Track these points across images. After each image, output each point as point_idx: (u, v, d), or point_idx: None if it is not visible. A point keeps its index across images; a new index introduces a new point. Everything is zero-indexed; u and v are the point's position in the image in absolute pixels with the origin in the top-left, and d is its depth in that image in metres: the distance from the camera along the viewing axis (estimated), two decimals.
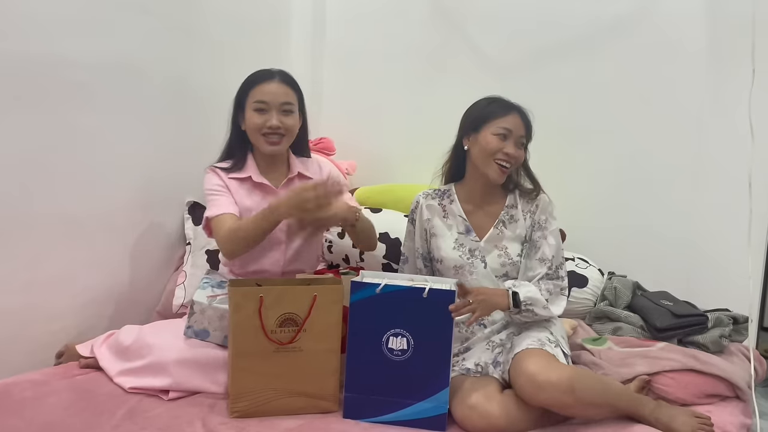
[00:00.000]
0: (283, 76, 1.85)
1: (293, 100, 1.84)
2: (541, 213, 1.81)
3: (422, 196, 1.90)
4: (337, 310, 1.59)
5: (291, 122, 1.83)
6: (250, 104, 1.81)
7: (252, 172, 1.86)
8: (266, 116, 1.80)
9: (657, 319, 1.97)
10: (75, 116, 1.85)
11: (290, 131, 1.84)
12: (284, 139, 1.84)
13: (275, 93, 1.80)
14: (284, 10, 2.78)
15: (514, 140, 1.76)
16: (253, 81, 1.83)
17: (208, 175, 1.85)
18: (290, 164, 1.93)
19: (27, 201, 1.75)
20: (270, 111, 1.80)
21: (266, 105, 1.80)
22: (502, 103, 1.80)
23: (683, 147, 2.34)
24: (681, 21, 2.32)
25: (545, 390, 1.49)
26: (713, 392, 1.72)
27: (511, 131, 1.76)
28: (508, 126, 1.76)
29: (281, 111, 1.81)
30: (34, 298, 1.80)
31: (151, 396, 1.61)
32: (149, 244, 2.11)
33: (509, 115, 1.77)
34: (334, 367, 1.60)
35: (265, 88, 1.80)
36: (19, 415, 1.46)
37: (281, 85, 1.82)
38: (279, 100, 1.80)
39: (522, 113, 1.80)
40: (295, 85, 1.86)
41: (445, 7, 2.67)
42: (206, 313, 1.69)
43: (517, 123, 1.77)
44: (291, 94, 1.83)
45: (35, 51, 1.71)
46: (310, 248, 1.95)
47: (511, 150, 1.75)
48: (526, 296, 1.68)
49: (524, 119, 1.79)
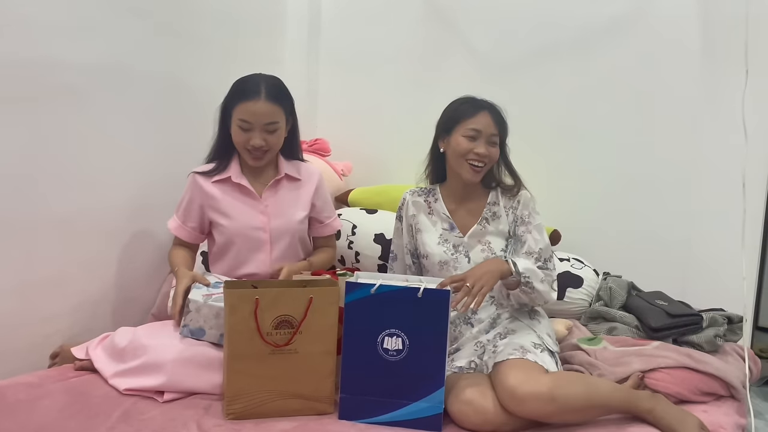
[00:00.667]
0: (270, 90, 1.82)
1: (279, 118, 1.84)
2: (523, 208, 1.83)
3: (409, 194, 1.94)
4: (333, 311, 1.59)
5: (275, 140, 1.85)
6: (235, 119, 1.82)
7: (233, 173, 1.90)
8: (249, 135, 1.82)
9: (652, 318, 1.98)
10: (67, 118, 1.84)
11: (274, 147, 1.87)
12: (267, 154, 1.87)
13: (260, 114, 1.80)
14: (279, 11, 2.78)
15: (485, 139, 1.78)
16: (240, 95, 1.82)
17: (187, 183, 1.92)
18: (278, 166, 1.95)
19: (20, 203, 1.74)
20: (253, 130, 1.81)
21: (250, 125, 1.81)
22: (471, 103, 1.82)
23: (678, 147, 2.35)
24: (675, 22, 2.33)
25: (526, 402, 1.49)
26: (708, 390, 1.73)
27: (480, 131, 1.78)
28: (476, 126, 1.78)
29: (265, 130, 1.82)
30: (27, 300, 1.79)
31: (146, 398, 1.60)
32: (144, 245, 2.11)
33: (478, 114, 1.79)
34: (329, 369, 1.60)
35: (250, 107, 1.79)
36: (12, 417, 1.46)
37: (267, 104, 1.80)
38: (263, 121, 1.81)
39: (493, 111, 1.81)
40: (282, 99, 1.85)
41: (440, 7, 2.68)
42: (202, 311, 1.69)
43: (486, 122, 1.79)
44: (277, 112, 1.83)
45: (27, 54, 1.71)
46: (296, 249, 1.97)
47: (481, 150, 1.78)
48: (524, 267, 1.68)
49: (495, 117, 1.80)
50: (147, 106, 2.11)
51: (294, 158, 2.00)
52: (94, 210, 1.96)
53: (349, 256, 2.38)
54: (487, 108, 1.81)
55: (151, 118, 2.13)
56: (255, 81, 1.83)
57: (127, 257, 2.09)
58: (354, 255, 2.37)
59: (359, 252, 2.36)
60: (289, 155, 1.98)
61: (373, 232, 2.36)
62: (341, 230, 2.38)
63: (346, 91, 2.84)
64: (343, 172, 2.70)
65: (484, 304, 1.82)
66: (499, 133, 1.81)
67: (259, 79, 1.84)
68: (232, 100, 1.83)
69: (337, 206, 2.63)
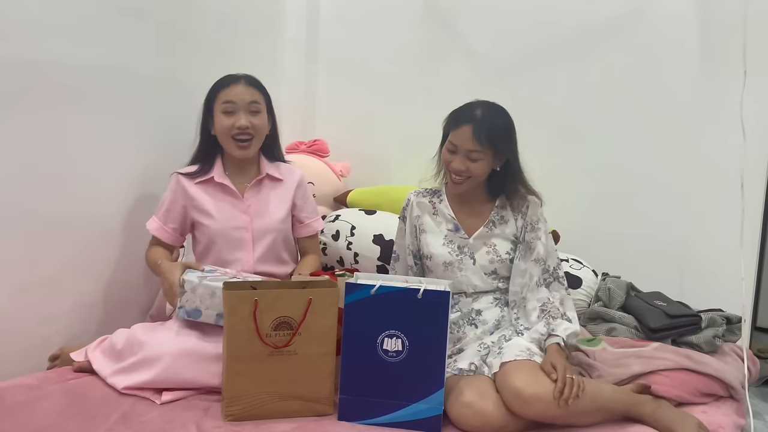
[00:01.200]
0: (249, 79, 1.92)
1: (260, 100, 1.91)
2: (532, 214, 1.83)
3: (414, 194, 1.93)
4: (333, 313, 1.59)
5: (259, 122, 1.90)
6: (218, 107, 1.88)
7: (216, 173, 1.93)
8: (234, 117, 1.87)
9: (651, 319, 1.98)
10: (64, 119, 1.83)
11: (259, 132, 1.91)
12: (253, 141, 1.91)
13: (242, 93, 1.88)
14: (278, 12, 2.78)
15: (463, 154, 1.74)
16: (220, 85, 1.91)
17: (170, 184, 1.94)
18: (260, 166, 1.99)
19: (17, 204, 1.74)
20: (238, 112, 1.87)
21: (234, 106, 1.86)
22: (458, 115, 1.78)
23: (676, 148, 2.35)
24: (673, 23, 2.33)
25: (532, 404, 1.50)
26: (707, 391, 1.73)
27: (456, 146, 1.75)
28: (454, 141, 1.75)
29: (249, 111, 1.88)
30: (25, 301, 1.78)
31: (145, 399, 1.59)
32: (142, 247, 2.10)
33: (459, 128, 1.74)
34: (329, 370, 1.59)
35: (232, 90, 1.88)
36: (11, 419, 1.45)
37: (247, 87, 1.90)
38: (246, 100, 1.87)
39: (478, 125, 1.71)
40: (261, 88, 1.94)
41: (438, 8, 2.68)
42: (197, 291, 1.69)
43: (464, 137, 1.72)
44: (258, 95, 1.91)
45: (23, 55, 1.70)
46: (279, 249, 1.99)
47: (456, 165, 1.75)
48: (566, 335, 1.69)
49: (478, 132, 1.70)
50: (146, 107, 2.10)
51: (275, 160, 2.03)
52: (92, 211, 1.96)
53: (348, 257, 2.38)
54: (471, 122, 1.72)
55: (150, 119, 2.12)
56: (232, 74, 1.93)
57: (125, 259, 2.08)
58: (353, 256, 2.36)
59: (358, 253, 2.35)
60: (270, 157, 2.02)
61: (372, 233, 2.35)
62: (340, 231, 2.38)
63: (344, 92, 2.84)
64: (341, 173, 2.70)
65: (489, 305, 1.82)
66: (481, 149, 1.71)
67: (237, 74, 1.93)
68: (213, 93, 1.91)
69: (335, 207, 2.63)
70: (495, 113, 1.78)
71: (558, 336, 1.68)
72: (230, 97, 1.87)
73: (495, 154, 1.76)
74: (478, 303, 1.83)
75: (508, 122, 1.79)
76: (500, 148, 1.76)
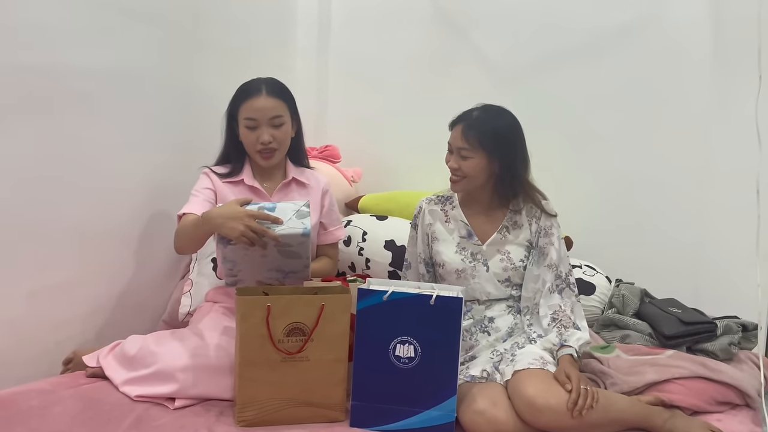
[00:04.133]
0: (271, 86, 1.85)
1: (283, 112, 1.85)
2: (546, 219, 1.81)
3: (425, 202, 1.92)
4: (345, 319, 1.58)
5: (282, 135, 1.86)
6: (241, 120, 1.85)
7: (246, 176, 1.91)
8: (257, 132, 1.83)
9: (665, 326, 1.96)
10: (81, 125, 1.85)
11: (282, 144, 1.88)
12: (277, 152, 1.87)
13: (263, 108, 1.82)
14: (289, 18, 2.79)
15: (456, 153, 1.78)
16: (242, 96, 1.85)
17: (201, 177, 1.90)
18: (286, 170, 1.96)
19: (32, 209, 1.75)
20: (260, 127, 1.82)
21: (256, 122, 1.82)
22: (456, 117, 1.81)
23: (690, 153, 2.33)
24: (686, 27, 2.32)
25: (544, 414, 1.49)
26: (723, 399, 1.71)
27: (450, 144, 1.80)
28: (449, 140, 1.81)
29: (271, 125, 1.83)
30: (39, 306, 1.80)
31: (158, 405, 1.60)
32: (155, 252, 2.11)
33: (453, 128, 1.80)
34: (341, 376, 1.59)
35: (253, 104, 1.82)
36: (25, 424, 1.46)
37: (269, 99, 1.83)
38: (268, 115, 1.82)
39: (467, 123, 1.75)
40: (284, 95, 1.87)
41: (449, 13, 2.68)
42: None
43: (455, 135, 1.78)
44: (280, 106, 1.84)
45: (41, 61, 1.72)
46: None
47: (451, 163, 1.79)
48: (579, 345, 1.68)
49: (467, 131, 1.74)
50: (160, 112, 2.12)
51: (301, 165, 2.01)
52: (105, 216, 1.96)
53: (359, 263, 2.38)
54: (463, 121, 1.77)
55: (164, 124, 2.13)
56: (255, 81, 1.88)
57: (138, 263, 2.09)
58: (364, 261, 2.36)
59: (369, 258, 2.35)
60: (296, 161, 2.00)
61: (384, 238, 2.35)
62: (351, 237, 2.38)
63: (355, 98, 2.84)
64: (353, 179, 2.70)
65: (502, 313, 1.81)
66: (469, 147, 1.73)
67: (259, 80, 1.88)
68: (236, 103, 1.87)
69: (347, 213, 2.63)
70: (493, 115, 1.78)
71: (571, 347, 1.67)
72: (252, 114, 1.82)
73: (488, 155, 1.75)
74: (490, 310, 1.82)
75: (507, 124, 1.78)
76: (491, 148, 1.74)
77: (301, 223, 1.62)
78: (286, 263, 1.70)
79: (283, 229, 1.59)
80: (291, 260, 1.69)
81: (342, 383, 1.59)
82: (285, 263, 1.70)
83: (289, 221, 1.60)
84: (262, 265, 1.69)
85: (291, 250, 1.65)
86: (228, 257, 1.65)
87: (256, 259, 1.65)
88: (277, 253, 1.65)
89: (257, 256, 1.64)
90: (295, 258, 1.68)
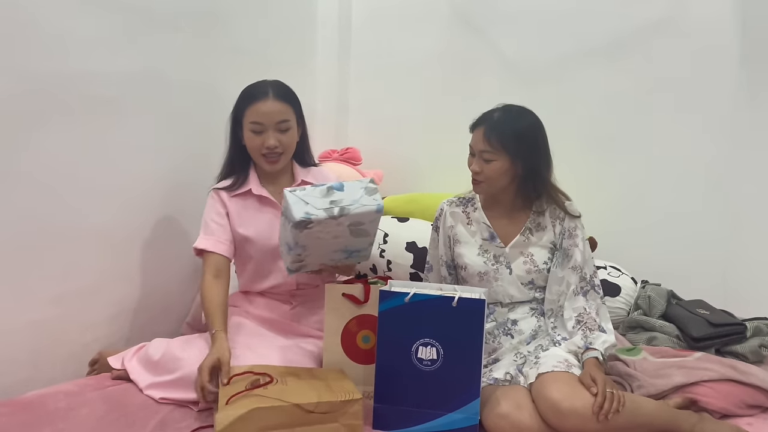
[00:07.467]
0: (278, 90, 1.83)
1: (290, 116, 1.83)
2: (570, 220, 1.79)
3: (446, 204, 1.90)
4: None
5: (288, 139, 1.84)
6: (247, 124, 1.82)
7: (253, 185, 1.89)
8: (263, 137, 1.81)
9: (693, 328, 1.93)
10: (105, 129, 1.87)
11: (288, 148, 1.86)
12: (282, 156, 1.85)
13: (270, 113, 1.80)
14: (310, 21, 2.81)
15: (478, 156, 1.75)
16: (248, 99, 1.83)
17: (209, 200, 1.89)
18: (294, 174, 1.95)
19: (58, 214, 1.77)
20: (266, 131, 1.81)
21: (262, 126, 1.80)
22: (477, 119, 1.79)
23: (717, 154, 2.30)
24: (711, 26, 2.29)
25: (569, 418, 1.47)
26: (753, 403, 1.67)
27: (472, 147, 1.77)
28: (471, 143, 1.78)
29: (277, 129, 1.81)
30: (65, 309, 1.82)
31: (182, 407, 1.61)
32: (179, 255, 2.13)
33: (474, 130, 1.77)
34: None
35: (259, 108, 1.80)
36: (53, 425, 1.48)
37: (276, 102, 1.80)
38: (274, 120, 1.80)
39: (488, 125, 1.72)
40: (290, 98, 1.85)
41: (469, 15, 2.67)
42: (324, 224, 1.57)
43: (476, 138, 1.75)
44: (286, 110, 1.82)
45: (66, 67, 1.74)
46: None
47: (473, 166, 1.76)
48: (604, 348, 1.66)
49: (488, 132, 1.71)
50: (183, 116, 2.14)
51: (307, 165, 1.99)
52: (129, 219, 1.99)
53: (381, 265, 2.38)
54: (484, 123, 1.73)
55: (186, 128, 2.15)
56: (261, 84, 1.85)
57: (162, 266, 2.11)
58: (386, 263, 2.36)
59: (391, 260, 2.35)
60: (302, 162, 1.98)
61: (405, 240, 2.35)
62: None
63: (376, 100, 2.85)
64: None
65: (525, 315, 1.79)
66: (492, 150, 1.70)
67: (265, 83, 1.86)
68: (241, 106, 1.84)
69: None
70: (515, 116, 1.75)
71: (596, 350, 1.65)
72: (258, 118, 1.79)
73: (511, 157, 1.72)
74: (513, 313, 1.80)
75: (528, 125, 1.75)
76: (514, 150, 1.71)
77: (372, 199, 1.59)
78: (353, 242, 1.68)
79: (356, 207, 1.57)
80: (359, 239, 1.67)
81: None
82: (353, 242, 1.68)
83: (361, 199, 1.57)
84: (332, 246, 1.66)
85: (362, 228, 1.63)
86: (300, 242, 1.61)
87: (329, 241, 1.63)
88: (349, 233, 1.63)
89: (330, 238, 1.62)
90: (364, 236, 1.66)
